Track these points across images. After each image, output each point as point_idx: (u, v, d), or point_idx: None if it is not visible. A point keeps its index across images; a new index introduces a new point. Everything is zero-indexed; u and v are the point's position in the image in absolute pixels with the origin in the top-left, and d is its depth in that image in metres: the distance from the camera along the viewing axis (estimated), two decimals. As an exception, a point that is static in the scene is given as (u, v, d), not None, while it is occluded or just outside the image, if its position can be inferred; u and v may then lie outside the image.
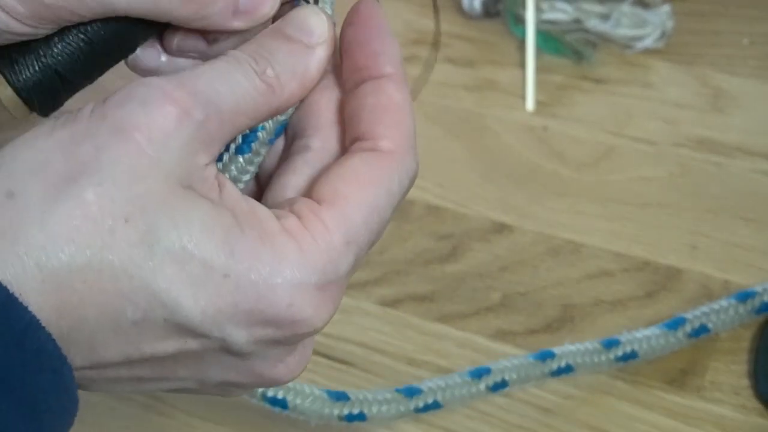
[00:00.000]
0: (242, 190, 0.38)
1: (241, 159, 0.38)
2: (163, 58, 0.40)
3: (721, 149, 0.70)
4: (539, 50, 0.74)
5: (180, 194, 0.35)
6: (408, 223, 0.67)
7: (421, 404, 0.57)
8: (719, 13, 0.77)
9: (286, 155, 0.40)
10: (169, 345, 0.36)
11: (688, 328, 0.59)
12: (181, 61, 0.40)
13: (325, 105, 0.40)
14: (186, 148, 0.35)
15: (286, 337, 0.36)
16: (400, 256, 0.66)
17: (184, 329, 0.35)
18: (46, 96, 0.40)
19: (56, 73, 0.40)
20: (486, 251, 0.66)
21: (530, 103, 0.73)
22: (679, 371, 0.60)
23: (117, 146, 0.34)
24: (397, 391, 0.56)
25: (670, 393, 0.59)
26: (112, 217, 0.34)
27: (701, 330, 0.59)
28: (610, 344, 0.59)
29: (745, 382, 0.59)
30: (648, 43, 0.74)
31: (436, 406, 0.57)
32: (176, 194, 0.35)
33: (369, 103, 0.39)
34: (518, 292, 0.64)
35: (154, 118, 0.35)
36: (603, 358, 0.58)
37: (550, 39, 0.74)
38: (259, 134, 0.38)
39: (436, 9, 0.42)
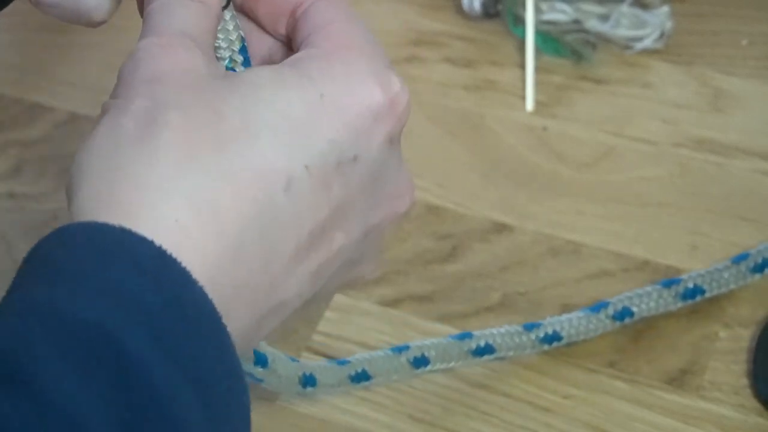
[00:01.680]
0: None
1: None
2: None
3: (721, 149, 0.70)
4: (539, 50, 0.74)
5: (230, 77, 0.38)
6: (408, 223, 0.67)
7: (353, 372, 0.58)
8: (718, 13, 0.77)
9: None
10: (322, 205, 0.38)
11: (611, 310, 0.60)
12: None
13: None
14: (205, 67, 0.38)
15: (393, 126, 0.40)
16: (400, 256, 0.66)
17: (324, 170, 0.38)
18: None
19: None
20: (486, 251, 0.66)
21: (530, 104, 0.73)
22: (679, 371, 0.60)
23: (156, 87, 0.37)
24: (330, 361, 0.59)
25: (670, 393, 0.59)
26: (206, 121, 0.36)
27: (625, 313, 0.60)
28: (531, 327, 0.59)
29: (745, 381, 0.59)
30: (647, 43, 0.74)
31: (366, 377, 0.58)
32: (228, 79, 0.38)
33: None
34: (518, 292, 0.64)
35: (172, 57, 0.38)
36: (525, 339, 0.59)
37: (550, 39, 0.74)
38: None
39: None
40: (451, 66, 0.75)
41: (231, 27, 0.42)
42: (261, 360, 0.54)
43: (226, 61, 0.41)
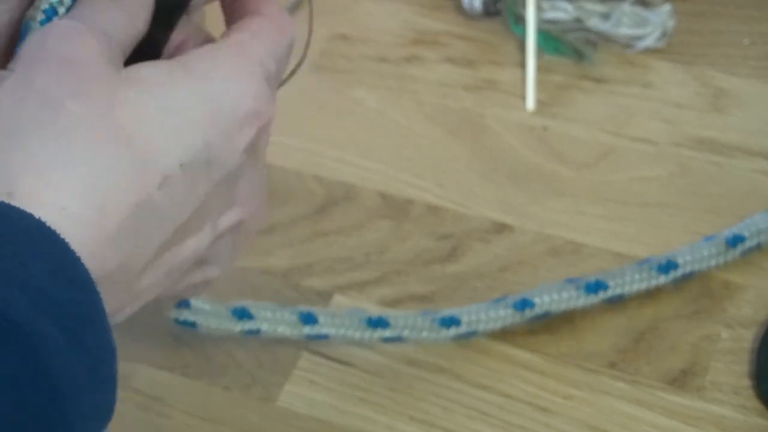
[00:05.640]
0: None
1: None
2: None
3: (721, 149, 0.70)
4: (539, 50, 0.74)
5: (127, 72, 0.40)
6: (408, 223, 0.67)
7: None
8: (720, 13, 0.77)
9: None
10: (188, 204, 0.40)
11: (582, 282, 0.61)
12: None
13: None
14: (109, 60, 0.40)
15: (255, 135, 0.42)
16: (400, 256, 0.66)
17: (195, 168, 0.40)
18: None
19: None
20: (486, 251, 0.66)
21: (530, 103, 0.73)
22: (680, 371, 0.60)
23: (61, 70, 0.38)
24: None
25: (671, 393, 0.59)
26: (100, 113, 0.38)
27: (599, 285, 0.61)
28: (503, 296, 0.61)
29: (746, 382, 0.59)
30: (649, 42, 0.74)
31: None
32: (126, 74, 0.39)
33: None
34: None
35: (84, 45, 0.39)
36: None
37: (551, 38, 0.74)
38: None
39: (310, 14, 0.48)
40: (452, 65, 0.75)
41: None
42: (189, 324, 0.56)
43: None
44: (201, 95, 0.40)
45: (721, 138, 0.70)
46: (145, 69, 0.40)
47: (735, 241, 0.62)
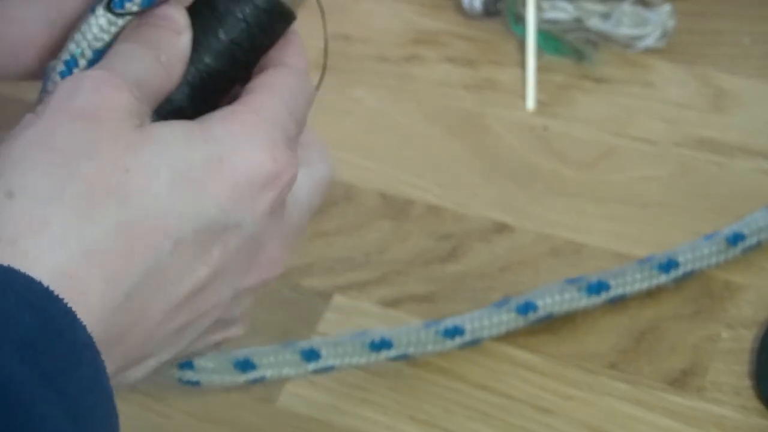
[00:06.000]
0: None
1: None
2: None
3: (722, 149, 0.69)
4: (540, 50, 0.74)
5: (146, 130, 0.39)
6: (408, 223, 0.67)
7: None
8: (720, 12, 0.76)
9: None
10: (201, 268, 0.40)
11: (583, 283, 0.61)
12: None
13: None
14: (135, 116, 0.39)
15: (276, 197, 0.41)
16: (400, 256, 0.66)
17: (209, 234, 0.39)
18: None
19: None
20: (486, 251, 0.66)
21: (530, 103, 0.72)
22: (680, 372, 0.60)
23: (82, 127, 0.38)
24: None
25: (671, 393, 0.59)
26: (114, 175, 0.37)
27: (601, 286, 0.61)
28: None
29: (746, 382, 0.59)
30: (649, 42, 0.74)
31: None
32: (144, 132, 0.39)
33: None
34: (518, 292, 0.63)
35: (111, 99, 0.39)
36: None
37: (551, 38, 0.74)
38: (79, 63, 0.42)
39: (324, 27, 0.48)
40: (452, 65, 0.75)
41: (102, 26, 0.42)
42: (192, 382, 0.56)
43: (76, 51, 0.42)
44: (217, 160, 0.39)
45: (721, 138, 0.70)
46: (163, 129, 0.39)
47: (735, 239, 0.62)
